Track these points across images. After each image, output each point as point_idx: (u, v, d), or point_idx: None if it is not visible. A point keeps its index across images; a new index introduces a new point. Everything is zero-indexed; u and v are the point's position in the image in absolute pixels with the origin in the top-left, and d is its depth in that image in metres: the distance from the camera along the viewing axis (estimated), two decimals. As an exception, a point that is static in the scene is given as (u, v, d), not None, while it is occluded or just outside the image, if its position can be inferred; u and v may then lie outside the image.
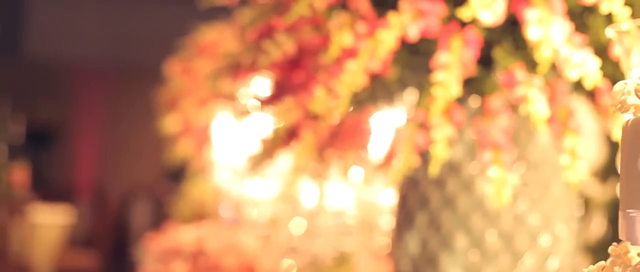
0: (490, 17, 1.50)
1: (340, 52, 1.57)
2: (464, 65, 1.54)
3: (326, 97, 1.57)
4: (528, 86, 1.52)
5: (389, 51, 1.54)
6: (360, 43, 1.56)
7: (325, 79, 1.58)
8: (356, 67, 1.54)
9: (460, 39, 1.56)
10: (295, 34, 1.68)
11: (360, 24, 1.59)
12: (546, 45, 1.50)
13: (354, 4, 1.62)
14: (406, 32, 1.54)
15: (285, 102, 1.69)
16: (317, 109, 1.57)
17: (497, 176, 1.52)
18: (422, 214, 1.81)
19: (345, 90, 1.54)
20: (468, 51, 1.56)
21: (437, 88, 1.52)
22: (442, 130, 1.55)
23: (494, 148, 1.55)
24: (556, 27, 1.50)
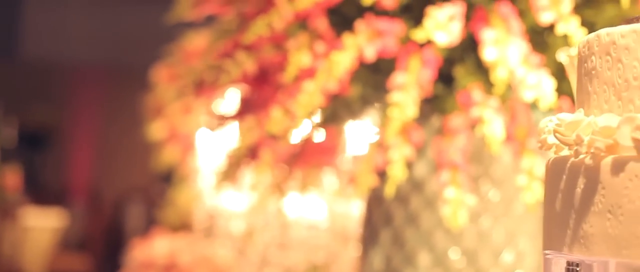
0: (446, 38, 1.50)
1: (298, 72, 1.57)
2: (421, 86, 1.53)
3: (283, 118, 1.57)
4: (484, 107, 1.52)
5: (345, 72, 1.54)
6: (318, 63, 1.56)
7: (282, 99, 1.58)
8: (313, 88, 1.54)
9: (418, 59, 1.56)
10: (256, 53, 1.68)
11: (319, 44, 1.60)
12: (502, 66, 1.49)
13: (313, 24, 1.63)
14: (363, 53, 1.54)
15: (246, 121, 1.69)
16: (273, 129, 1.57)
17: (454, 196, 1.52)
18: (386, 230, 1.81)
19: (302, 110, 1.54)
20: (426, 71, 1.56)
21: (393, 109, 1.51)
22: (399, 150, 1.55)
23: (452, 168, 1.55)
24: (513, 48, 1.50)
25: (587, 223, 0.79)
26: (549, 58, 1.61)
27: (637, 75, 0.80)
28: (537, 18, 1.52)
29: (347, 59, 1.52)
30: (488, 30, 1.52)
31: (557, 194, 0.83)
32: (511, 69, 1.49)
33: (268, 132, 1.59)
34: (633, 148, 0.76)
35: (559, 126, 0.82)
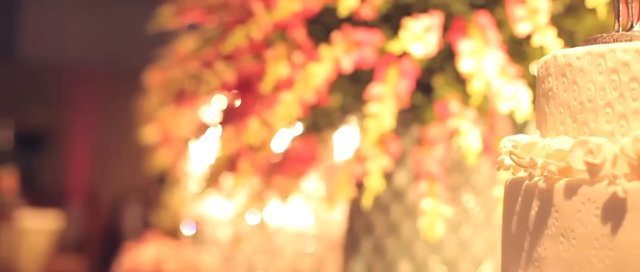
0: (422, 49, 1.50)
1: (277, 82, 1.57)
2: (399, 97, 1.53)
3: (261, 129, 1.57)
4: (461, 118, 1.51)
5: (323, 83, 1.54)
6: (296, 74, 1.56)
7: (260, 110, 1.58)
8: (291, 99, 1.53)
9: (396, 70, 1.56)
10: (235, 63, 1.68)
11: (297, 55, 1.59)
12: (479, 77, 1.49)
13: (291, 34, 1.62)
14: (340, 64, 1.54)
15: (226, 131, 1.68)
16: (251, 140, 1.57)
17: (431, 207, 1.52)
18: (367, 240, 1.81)
19: (279, 121, 1.54)
20: (404, 82, 1.55)
21: (370, 120, 1.51)
22: (377, 161, 1.54)
23: (430, 179, 1.55)
24: (489, 59, 1.50)
25: (541, 246, 0.79)
26: (528, 68, 1.61)
27: (592, 98, 0.79)
28: (514, 29, 1.51)
29: (323, 70, 1.51)
30: (465, 41, 1.52)
31: (513, 216, 0.83)
32: (488, 80, 1.49)
33: (246, 143, 1.59)
34: (586, 171, 0.76)
35: (514, 148, 0.82)
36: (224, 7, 1.78)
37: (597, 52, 0.79)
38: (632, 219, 0.73)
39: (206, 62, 1.76)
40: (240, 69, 1.67)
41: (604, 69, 0.79)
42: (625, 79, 0.78)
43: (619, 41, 0.82)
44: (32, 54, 7.68)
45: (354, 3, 1.52)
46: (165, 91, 1.86)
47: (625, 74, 0.78)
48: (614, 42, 0.82)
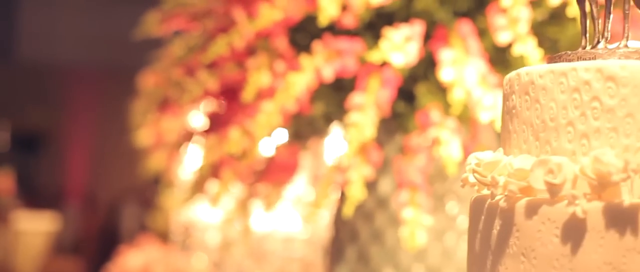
0: (402, 59, 1.49)
1: (258, 91, 1.57)
2: (380, 106, 1.53)
3: (242, 138, 1.56)
4: (442, 128, 1.51)
5: (304, 92, 1.54)
6: (278, 82, 1.56)
7: (241, 119, 1.58)
8: (272, 108, 1.53)
9: (377, 79, 1.55)
10: (218, 71, 1.68)
11: (279, 63, 1.59)
12: (459, 86, 1.49)
13: (273, 43, 1.62)
14: (321, 74, 1.54)
15: (208, 139, 1.68)
16: (232, 149, 1.57)
17: (412, 217, 1.52)
18: (352, 247, 1.80)
19: (260, 131, 1.54)
20: (385, 91, 1.55)
21: (351, 129, 1.51)
22: (358, 170, 1.54)
23: (411, 188, 1.55)
24: (470, 69, 1.50)
25: (502, 265, 0.79)
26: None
27: (554, 117, 0.79)
28: (495, 38, 1.51)
29: (303, 80, 1.51)
30: (446, 50, 1.52)
31: (477, 234, 0.83)
32: (468, 89, 1.49)
33: (227, 152, 1.59)
34: (546, 191, 0.75)
35: (477, 166, 0.82)
36: (208, 15, 1.78)
37: (559, 71, 0.79)
38: (592, 240, 0.73)
39: (189, 70, 1.76)
40: (223, 77, 1.67)
41: (566, 87, 0.78)
42: (586, 98, 0.77)
43: (582, 59, 0.81)
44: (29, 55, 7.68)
45: (335, 12, 1.52)
46: (149, 99, 1.86)
47: (587, 93, 0.77)
48: (578, 59, 0.82)
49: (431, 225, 1.59)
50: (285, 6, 1.57)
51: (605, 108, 0.77)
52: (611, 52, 0.81)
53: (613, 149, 0.76)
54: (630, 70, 0.76)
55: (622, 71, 0.77)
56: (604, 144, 0.76)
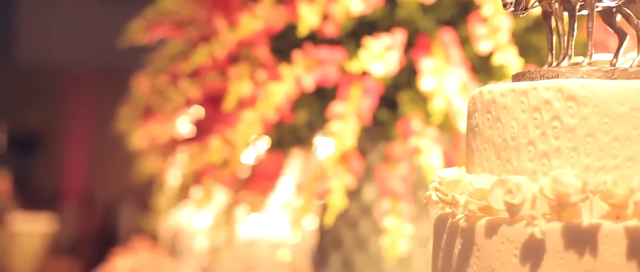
0: (382, 68, 1.49)
1: (239, 100, 1.57)
2: (360, 115, 1.53)
3: (223, 147, 1.56)
4: (422, 137, 1.51)
5: (284, 101, 1.54)
6: (259, 91, 1.56)
7: (221, 128, 1.58)
8: (252, 118, 1.53)
9: (359, 88, 1.55)
10: (200, 80, 1.68)
11: (260, 72, 1.59)
12: (440, 96, 1.49)
13: (255, 52, 1.62)
14: (301, 83, 1.53)
15: (190, 148, 1.68)
16: (213, 158, 1.57)
17: (393, 226, 1.51)
18: (336, 255, 1.80)
19: (241, 140, 1.54)
20: (366, 100, 1.55)
21: (331, 138, 1.51)
22: (339, 179, 1.54)
23: (393, 197, 1.55)
24: (451, 78, 1.49)
25: (463, 284, 0.78)
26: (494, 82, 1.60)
27: (515, 135, 0.79)
28: (476, 47, 1.51)
29: (283, 89, 1.51)
30: (426, 59, 1.52)
31: (439, 253, 0.83)
32: (449, 98, 1.48)
33: (208, 161, 1.59)
34: (506, 211, 0.75)
35: (439, 184, 0.82)
36: (191, 23, 1.78)
37: (520, 90, 0.79)
38: (551, 260, 0.73)
39: (172, 78, 1.75)
40: (205, 86, 1.67)
41: (527, 106, 0.78)
42: (547, 118, 0.77)
43: (545, 77, 0.81)
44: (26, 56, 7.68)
45: (315, 22, 1.52)
46: (134, 107, 1.86)
47: (547, 112, 0.77)
48: (541, 77, 0.82)
49: (415, 232, 1.59)
50: (266, 15, 1.56)
51: (565, 128, 0.77)
52: (574, 70, 0.81)
53: (573, 168, 0.76)
54: (590, 90, 0.76)
55: (582, 91, 0.76)
56: (564, 163, 0.76)
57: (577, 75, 0.80)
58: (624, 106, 0.76)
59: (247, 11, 1.58)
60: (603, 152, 0.76)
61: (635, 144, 0.76)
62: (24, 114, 7.62)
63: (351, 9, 1.51)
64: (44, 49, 7.72)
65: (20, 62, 7.71)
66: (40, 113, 7.74)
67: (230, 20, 1.61)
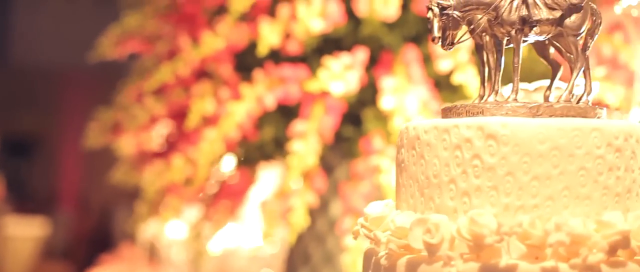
0: (342, 88, 1.49)
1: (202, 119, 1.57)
2: (322, 134, 1.52)
3: (185, 166, 1.57)
4: (382, 156, 1.51)
5: (246, 120, 1.53)
6: (222, 109, 1.55)
7: (184, 147, 1.58)
8: (214, 136, 1.53)
9: (321, 106, 1.55)
10: (166, 97, 1.68)
11: (223, 90, 1.59)
12: (400, 114, 1.49)
13: (218, 70, 1.62)
14: (262, 102, 1.53)
15: (153, 166, 1.68)
16: (175, 177, 1.57)
17: (354, 245, 1.51)
18: (304, 270, 1.80)
19: (204, 158, 1.54)
20: (328, 118, 1.55)
21: (292, 157, 1.51)
22: (301, 198, 1.54)
23: (355, 215, 1.54)
24: (411, 97, 1.49)
25: (385, 322, 0.79)
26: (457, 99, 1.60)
27: (437, 173, 0.79)
28: (436, 66, 1.51)
29: (244, 108, 1.51)
30: (387, 78, 1.51)
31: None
32: (408, 117, 1.48)
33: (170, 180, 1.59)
34: (425, 250, 0.75)
35: (365, 220, 0.82)
36: (159, 39, 1.78)
37: (443, 127, 0.79)
38: (468, 300, 0.73)
39: (138, 95, 1.75)
40: (170, 103, 1.67)
41: (449, 144, 0.78)
42: (468, 156, 0.77)
43: (470, 113, 0.81)
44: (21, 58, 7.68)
45: (276, 41, 1.52)
46: (101, 123, 1.86)
47: (468, 150, 0.77)
48: (466, 113, 0.82)
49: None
50: (228, 34, 1.56)
51: (486, 166, 0.77)
52: (499, 107, 0.81)
53: (493, 207, 0.76)
54: (510, 129, 0.76)
55: (502, 129, 0.76)
56: (484, 202, 0.76)
57: (502, 111, 0.80)
58: (543, 145, 0.76)
59: (210, 29, 1.58)
60: (522, 192, 0.76)
61: (555, 183, 0.76)
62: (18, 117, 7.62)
63: (311, 28, 1.51)
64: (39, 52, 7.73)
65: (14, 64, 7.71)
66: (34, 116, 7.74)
67: (195, 37, 1.61)
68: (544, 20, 0.82)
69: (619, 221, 0.74)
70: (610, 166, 0.77)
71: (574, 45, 0.84)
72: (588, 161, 0.76)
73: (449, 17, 0.82)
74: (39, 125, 7.68)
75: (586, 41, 0.86)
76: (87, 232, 7.26)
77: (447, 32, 0.83)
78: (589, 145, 0.76)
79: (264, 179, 1.83)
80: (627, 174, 0.78)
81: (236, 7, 1.53)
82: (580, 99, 0.85)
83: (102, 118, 1.85)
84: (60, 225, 7.13)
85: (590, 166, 0.76)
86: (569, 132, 0.76)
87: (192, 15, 1.68)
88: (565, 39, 0.84)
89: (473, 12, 0.83)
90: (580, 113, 0.81)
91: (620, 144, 0.78)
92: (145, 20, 1.76)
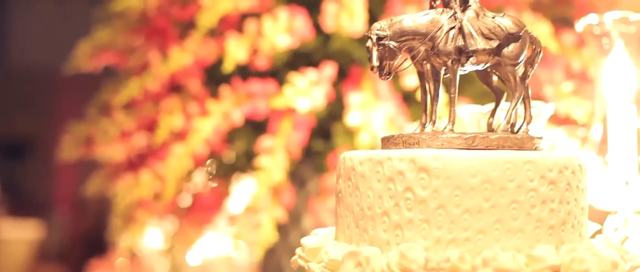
0: (308, 104, 1.49)
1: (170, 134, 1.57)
2: (289, 150, 1.52)
3: (153, 181, 1.56)
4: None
5: (214, 135, 1.53)
6: (191, 125, 1.55)
7: (152, 162, 1.58)
8: (182, 152, 1.53)
9: (289, 122, 1.55)
10: (136, 111, 1.68)
11: (192, 105, 1.59)
12: (366, 131, 1.48)
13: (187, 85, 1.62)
14: (230, 118, 1.53)
15: (123, 181, 1.68)
16: (143, 193, 1.57)
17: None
18: (278, 283, 1.80)
19: (172, 174, 1.53)
20: (296, 134, 1.54)
21: (260, 174, 1.50)
22: (269, 213, 1.54)
23: (323, 230, 1.54)
24: (378, 113, 1.49)
25: None
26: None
27: (371, 205, 0.79)
28: (404, 81, 1.51)
29: (210, 125, 1.51)
30: (354, 94, 1.51)
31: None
32: (374, 133, 1.48)
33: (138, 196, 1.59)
34: (357, 283, 0.75)
35: (302, 250, 0.82)
36: (131, 53, 1.78)
37: (376, 159, 0.79)
38: (398, 334, 0.73)
39: (107, 109, 1.76)
40: (140, 118, 1.67)
41: (382, 176, 0.78)
42: (400, 188, 0.77)
43: (407, 143, 0.81)
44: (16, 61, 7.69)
45: (242, 57, 1.52)
46: (73, 137, 1.86)
47: (401, 183, 0.77)
48: (403, 144, 0.81)
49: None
50: (195, 49, 1.56)
51: (418, 199, 0.76)
52: (435, 138, 0.81)
53: (425, 240, 0.76)
54: (442, 162, 0.76)
55: (434, 162, 0.76)
56: (416, 235, 0.76)
57: (438, 142, 0.80)
58: (475, 178, 0.76)
59: (178, 44, 1.58)
60: (454, 225, 0.75)
61: (487, 217, 0.76)
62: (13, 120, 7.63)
63: (278, 45, 1.51)
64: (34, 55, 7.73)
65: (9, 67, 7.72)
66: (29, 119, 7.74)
67: (165, 52, 1.61)
68: (480, 50, 0.82)
69: (550, 255, 0.74)
70: (544, 198, 0.77)
71: (512, 75, 0.84)
72: (520, 193, 0.76)
73: (385, 47, 0.82)
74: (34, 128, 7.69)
75: (526, 70, 0.86)
76: (82, 236, 7.27)
77: (384, 62, 0.82)
78: (521, 178, 0.76)
79: (238, 192, 1.83)
80: (562, 206, 0.78)
81: (204, 22, 1.53)
82: (520, 128, 0.85)
83: (75, 131, 1.85)
84: (55, 228, 7.14)
85: (522, 199, 0.76)
86: (501, 165, 0.76)
87: (162, 30, 1.68)
88: (504, 69, 0.84)
89: (409, 42, 0.83)
90: (516, 144, 0.81)
91: (555, 177, 0.78)
92: (116, 35, 1.76)
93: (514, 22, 0.84)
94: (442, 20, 0.82)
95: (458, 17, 0.82)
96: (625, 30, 1.29)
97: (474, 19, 0.83)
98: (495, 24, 0.83)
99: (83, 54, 1.91)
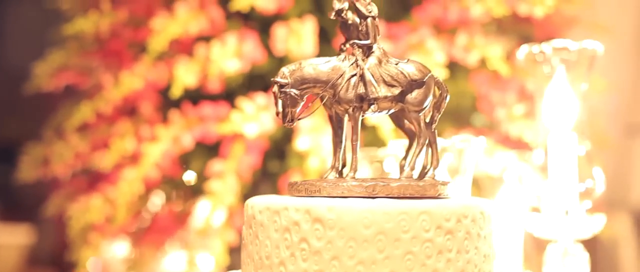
0: (256, 129, 1.49)
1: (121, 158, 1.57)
2: (240, 174, 1.52)
3: (104, 206, 1.56)
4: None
5: (165, 159, 1.53)
6: (143, 148, 1.55)
7: (102, 187, 1.58)
8: (133, 176, 1.53)
9: (241, 145, 1.55)
10: (90, 134, 1.67)
11: (144, 128, 1.59)
12: (315, 155, 1.48)
13: (139, 108, 1.62)
14: (180, 142, 1.53)
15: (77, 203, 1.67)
16: (94, 218, 1.57)
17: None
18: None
19: (122, 198, 1.53)
20: (248, 158, 1.54)
21: (210, 197, 1.50)
22: (221, 237, 1.53)
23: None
24: (327, 138, 1.49)
25: None
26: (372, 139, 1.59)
27: (269, 255, 0.79)
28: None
29: (159, 149, 1.51)
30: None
31: None
32: (324, 158, 1.48)
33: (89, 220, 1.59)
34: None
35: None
36: (90, 73, 1.77)
37: (274, 209, 0.79)
38: None
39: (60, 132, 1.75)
40: (94, 140, 1.67)
41: (279, 226, 0.78)
42: (296, 239, 0.77)
43: (309, 191, 0.81)
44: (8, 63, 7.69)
45: (192, 81, 1.51)
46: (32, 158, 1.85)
47: (297, 233, 0.77)
48: (305, 191, 0.81)
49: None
50: (145, 73, 1.56)
51: (312, 250, 0.76)
52: (336, 186, 0.80)
53: (320, 291, 0.76)
54: (336, 213, 0.76)
55: (328, 213, 0.76)
56: (311, 286, 0.76)
57: (338, 190, 0.80)
58: (369, 230, 0.75)
59: (129, 68, 1.58)
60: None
61: (381, 268, 0.75)
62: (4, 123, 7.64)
63: (226, 69, 1.51)
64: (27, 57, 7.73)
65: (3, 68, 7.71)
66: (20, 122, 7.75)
67: (117, 75, 1.61)
68: (381, 97, 0.82)
69: (443, 307, 0.74)
70: (440, 248, 0.77)
71: (416, 121, 0.84)
72: (415, 245, 0.76)
73: (287, 94, 0.82)
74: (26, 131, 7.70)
75: (433, 114, 0.86)
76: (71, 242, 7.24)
77: (286, 110, 0.82)
78: (416, 228, 0.76)
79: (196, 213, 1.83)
80: (460, 256, 0.78)
81: (154, 46, 1.53)
82: (426, 174, 0.84)
83: (32, 153, 1.85)
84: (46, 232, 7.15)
85: (417, 250, 0.76)
86: (395, 217, 0.76)
87: (117, 52, 1.68)
88: (408, 115, 0.84)
89: (310, 89, 0.82)
90: (418, 191, 0.81)
91: (452, 226, 0.77)
92: (69, 58, 1.76)
93: (418, 68, 0.84)
94: (343, 67, 0.82)
95: (359, 64, 0.82)
96: (567, 57, 1.28)
97: (376, 66, 0.83)
98: (399, 70, 0.83)
99: (43, 73, 1.90)
